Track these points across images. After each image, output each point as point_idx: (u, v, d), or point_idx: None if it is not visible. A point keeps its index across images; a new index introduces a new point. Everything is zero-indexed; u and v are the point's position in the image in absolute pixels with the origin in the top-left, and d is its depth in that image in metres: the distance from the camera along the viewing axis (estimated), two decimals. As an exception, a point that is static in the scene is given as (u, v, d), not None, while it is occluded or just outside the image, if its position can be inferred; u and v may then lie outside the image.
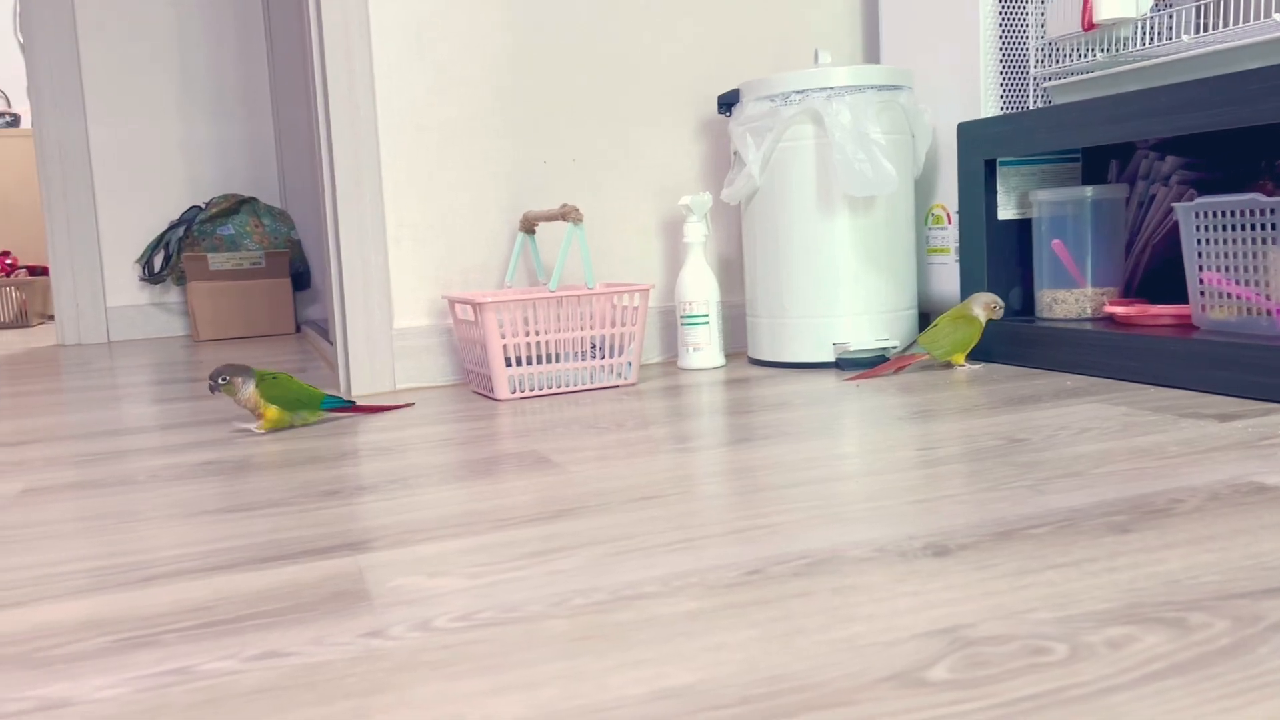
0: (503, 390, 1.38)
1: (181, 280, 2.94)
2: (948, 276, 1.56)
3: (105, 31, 2.93)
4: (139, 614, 0.61)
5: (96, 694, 0.50)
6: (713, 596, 0.58)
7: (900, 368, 1.38)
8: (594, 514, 0.77)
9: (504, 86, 1.58)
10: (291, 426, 1.25)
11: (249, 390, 1.20)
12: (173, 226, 2.95)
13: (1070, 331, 1.31)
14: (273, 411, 1.21)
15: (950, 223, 1.54)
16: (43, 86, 2.86)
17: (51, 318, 4.35)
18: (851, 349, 1.45)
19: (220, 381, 1.20)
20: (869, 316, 1.46)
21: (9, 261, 4.18)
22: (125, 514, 0.86)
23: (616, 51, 1.65)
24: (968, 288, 1.46)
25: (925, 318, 1.65)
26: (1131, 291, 1.48)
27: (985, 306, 1.36)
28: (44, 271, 4.26)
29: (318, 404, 1.25)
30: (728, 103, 1.56)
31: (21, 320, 3.94)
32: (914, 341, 1.40)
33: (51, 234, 2.89)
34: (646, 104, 1.67)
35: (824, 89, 1.42)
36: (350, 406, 1.29)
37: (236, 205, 2.93)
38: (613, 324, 1.44)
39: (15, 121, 4.42)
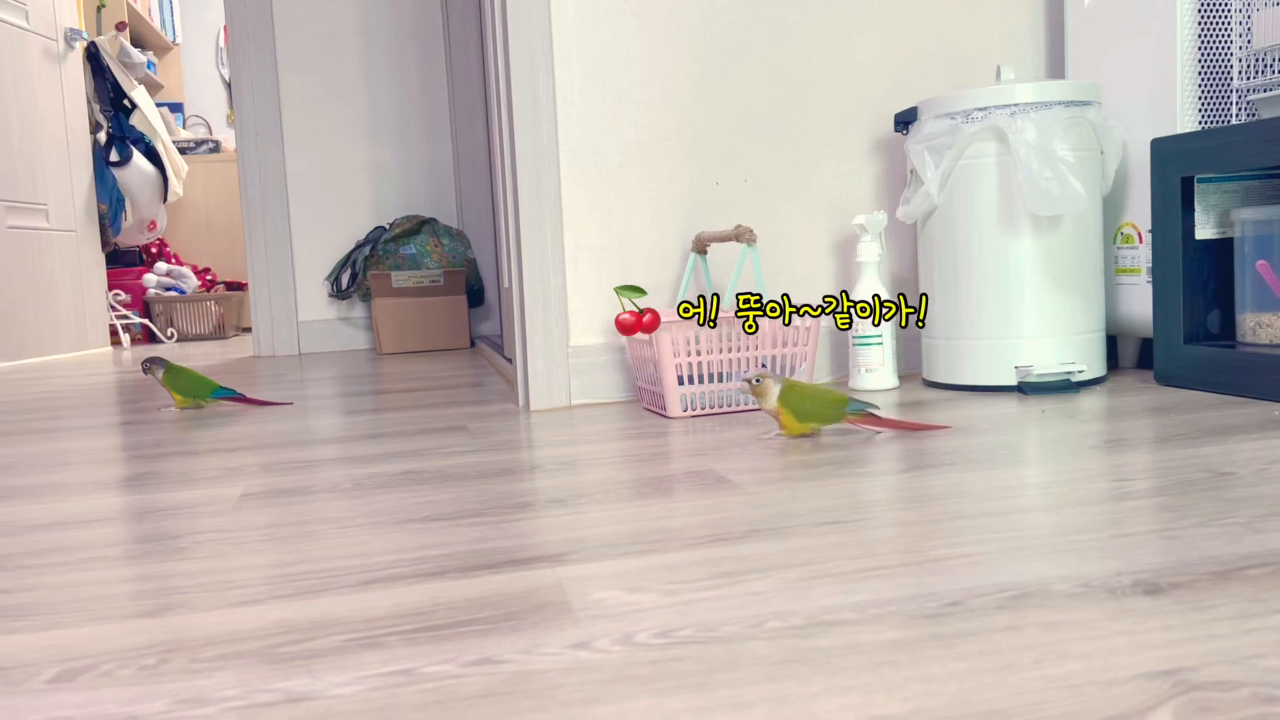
0: (675, 408, 1.40)
1: (367, 296, 3.11)
2: (1139, 298, 1.49)
3: (302, 64, 3.14)
4: (363, 616, 0.65)
5: (333, 690, 0.54)
6: (914, 626, 0.58)
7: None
8: (781, 536, 0.78)
9: (678, 111, 1.61)
10: (197, 406, 1.75)
11: (160, 375, 1.70)
12: (359, 246, 3.13)
13: (1277, 358, 1.24)
14: (176, 397, 1.72)
15: (1141, 242, 1.48)
16: (246, 116, 3.08)
17: (245, 330, 4.67)
18: (1035, 373, 1.41)
19: (148, 369, 1.72)
20: (1054, 339, 1.42)
21: (209, 277, 4.51)
22: (338, 519, 0.92)
23: (792, 72, 1.65)
24: (1161, 309, 1.40)
25: (1113, 341, 1.58)
26: (1347, 315, 1.38)
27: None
28: (239, 287, 4.58)
29: (207, 393, 1.71)
30: (905, 121, 1.54)
31: (219, 332, 4.24)
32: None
33: (250, 252, 3.11)
34: (820, 123, 1.67)
35: (1007, 106, 1.39)
36: (238, 397, 1.73)
37: (418, 226, 3.07)
38: (783, 344, 1.44)
39: (216, 148, 4.77)
